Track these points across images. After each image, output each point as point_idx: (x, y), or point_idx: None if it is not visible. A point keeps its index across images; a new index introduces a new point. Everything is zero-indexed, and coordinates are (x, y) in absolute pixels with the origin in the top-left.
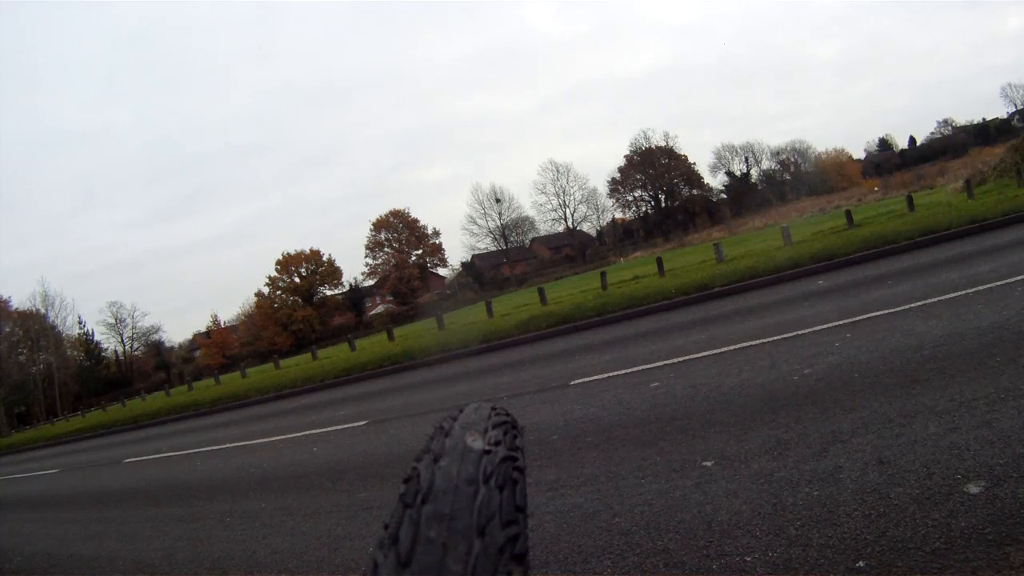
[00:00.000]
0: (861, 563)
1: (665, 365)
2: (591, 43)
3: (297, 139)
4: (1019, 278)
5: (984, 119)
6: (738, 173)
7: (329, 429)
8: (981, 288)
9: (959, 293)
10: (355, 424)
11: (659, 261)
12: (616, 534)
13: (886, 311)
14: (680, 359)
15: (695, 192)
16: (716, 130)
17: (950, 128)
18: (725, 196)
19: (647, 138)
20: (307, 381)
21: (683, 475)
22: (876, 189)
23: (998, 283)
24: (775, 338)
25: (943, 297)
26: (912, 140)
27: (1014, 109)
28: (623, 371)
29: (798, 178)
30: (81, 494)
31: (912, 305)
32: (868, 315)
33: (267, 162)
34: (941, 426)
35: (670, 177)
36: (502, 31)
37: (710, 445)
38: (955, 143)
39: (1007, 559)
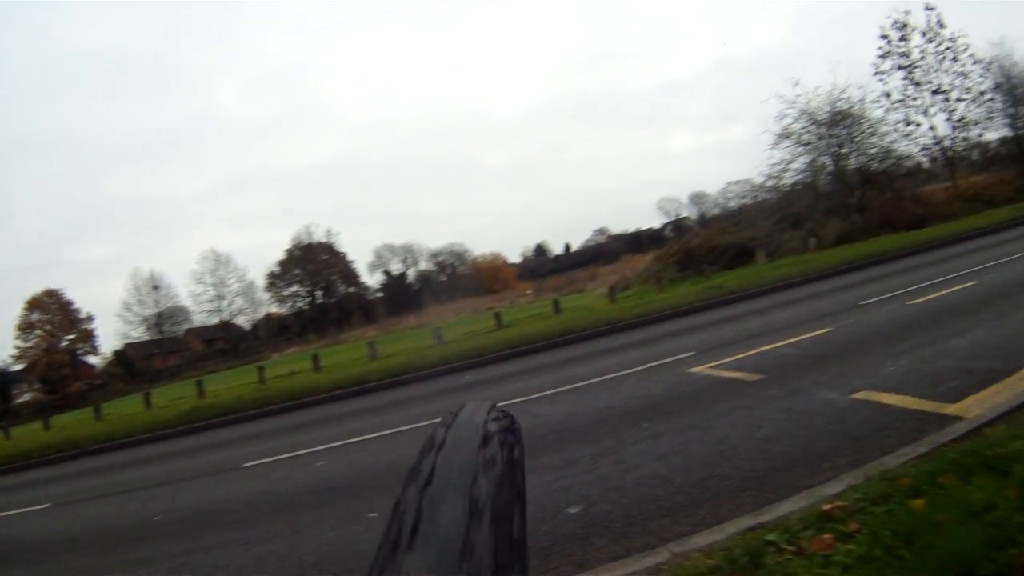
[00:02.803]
0: None
1: (327, 448)
2: (270, 130)
3: None
4: (633, 370)
5: (638, 228)
6: (395, 273)
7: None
8: (603, 378)
9: (584, 383)
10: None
11: (315, 357)
12: (307, 566)
13: (521, 399)
14: (341, 443)
15: (352, 290)
16: (381, 228)
17: (605, 236)
18: (382, 295)
19: (310, 233)
20: None
21: (355, 524)
22: (528, 292)
23: (616, 374)
24: (425, 424)
25: (570, 386)
26: (567, 247)
27: (667, 220)
28: (289, 455)
29: (455, 279)
30: None
31: (543, 393)
32: (504, 403)
33: None
34: (554, 475)
35: (328, 274)
36: (186, 110)
37: (375, 503)
38: (608, 250)
39: (592, 544)
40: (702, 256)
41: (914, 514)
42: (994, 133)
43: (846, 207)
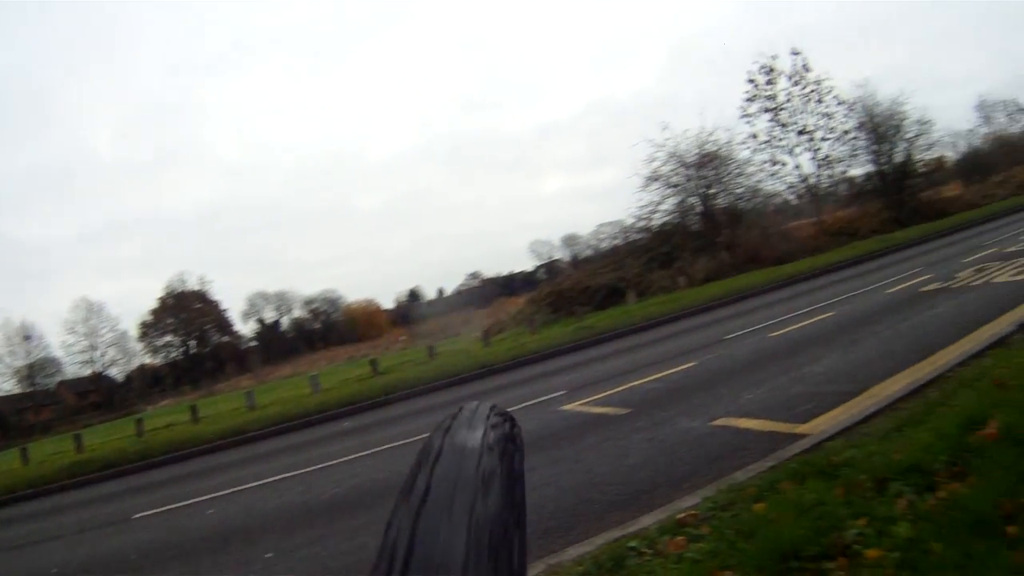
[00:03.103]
0: None
1: (216, 496)
2: (143, 173)
3: None
4: (523, 405)
5: (512, 271)
6: (269, 321)
7: None
8: None
9: None
10: None
11: (193, 409)
12: None
13: (401, 442)
14: (229, 491)
15: (225, 339)
16: (255, 275)
17: (478, 280)
18: (256, 343)
19: (183, 281)
20: None
21: (253, 564)
22: (402, 338)
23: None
24: (309, 469)
25: None
26: (440, 291)
27: (540, 262)
28: (178, 504)
29: (329, 327)
30: None
31: (422, 436)
32: (387, 446)
33: None
34: None
35: (202, 323)
36: (56, 150)
37: (267, 544)
38: (482, 294)
39: None
40: (574, 297)
41: (755, 515)
42: (859, 169)
43: (715, 245)
